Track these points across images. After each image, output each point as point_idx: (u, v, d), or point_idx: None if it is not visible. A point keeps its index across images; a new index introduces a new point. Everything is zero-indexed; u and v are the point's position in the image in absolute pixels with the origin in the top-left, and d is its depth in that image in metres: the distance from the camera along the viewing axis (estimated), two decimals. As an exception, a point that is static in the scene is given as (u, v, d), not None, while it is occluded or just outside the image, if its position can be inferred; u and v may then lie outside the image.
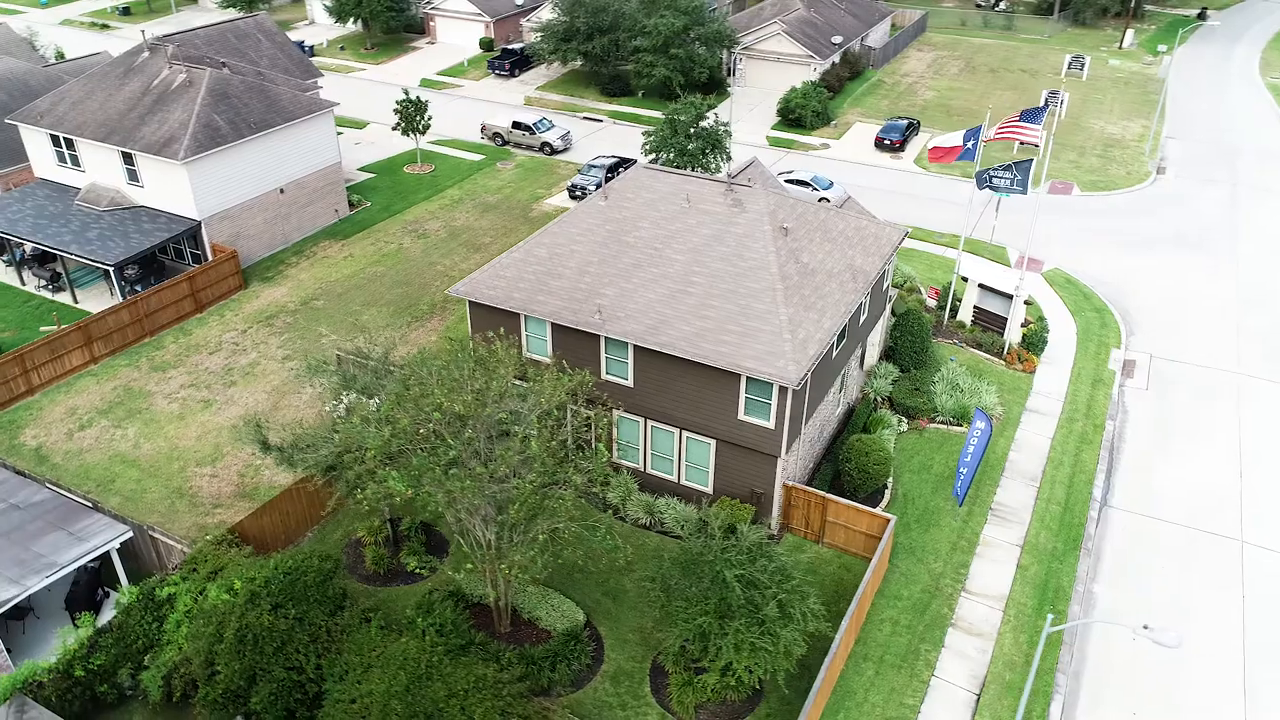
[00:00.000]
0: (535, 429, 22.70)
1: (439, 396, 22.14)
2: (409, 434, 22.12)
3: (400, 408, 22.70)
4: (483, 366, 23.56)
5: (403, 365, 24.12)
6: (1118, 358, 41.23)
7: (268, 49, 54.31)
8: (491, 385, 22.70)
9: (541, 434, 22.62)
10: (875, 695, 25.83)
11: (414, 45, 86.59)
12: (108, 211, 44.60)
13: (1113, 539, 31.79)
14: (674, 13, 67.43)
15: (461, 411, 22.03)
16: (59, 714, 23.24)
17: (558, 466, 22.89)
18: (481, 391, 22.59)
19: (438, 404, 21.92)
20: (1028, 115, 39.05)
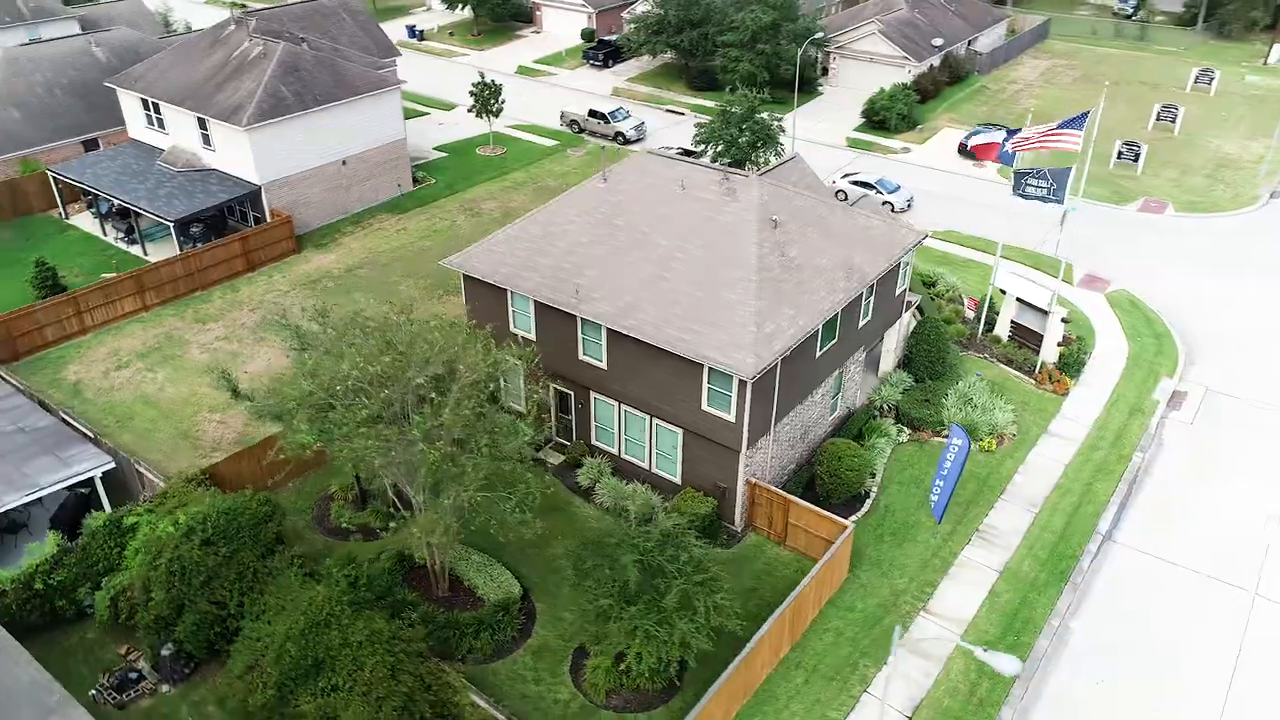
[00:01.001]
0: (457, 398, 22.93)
1: (356, 355, 22.73)
2: (327, 389, 22.78)
3: (321, 364, 23.43)
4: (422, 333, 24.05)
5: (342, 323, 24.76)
6: (1167, 388, 38.27)
7: (349, 27, 56.73)
8: (415, 350, 23.11)
9: (462, 404, 22.81)
10: (798, 704, 24.92)
11: (520, 34, 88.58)
12: (182, 172, 47.62)
13: (1107, 575, 29.59)
14: (763, 7, 66.56)
15: (380, 373, 22.54)
16: (17, 622, 25.09)
17: (471, 437, 23.05)
18: (404, 355, 23.04)
19: (355, 363, 22.51)
20: (1067, 124, 36.68)
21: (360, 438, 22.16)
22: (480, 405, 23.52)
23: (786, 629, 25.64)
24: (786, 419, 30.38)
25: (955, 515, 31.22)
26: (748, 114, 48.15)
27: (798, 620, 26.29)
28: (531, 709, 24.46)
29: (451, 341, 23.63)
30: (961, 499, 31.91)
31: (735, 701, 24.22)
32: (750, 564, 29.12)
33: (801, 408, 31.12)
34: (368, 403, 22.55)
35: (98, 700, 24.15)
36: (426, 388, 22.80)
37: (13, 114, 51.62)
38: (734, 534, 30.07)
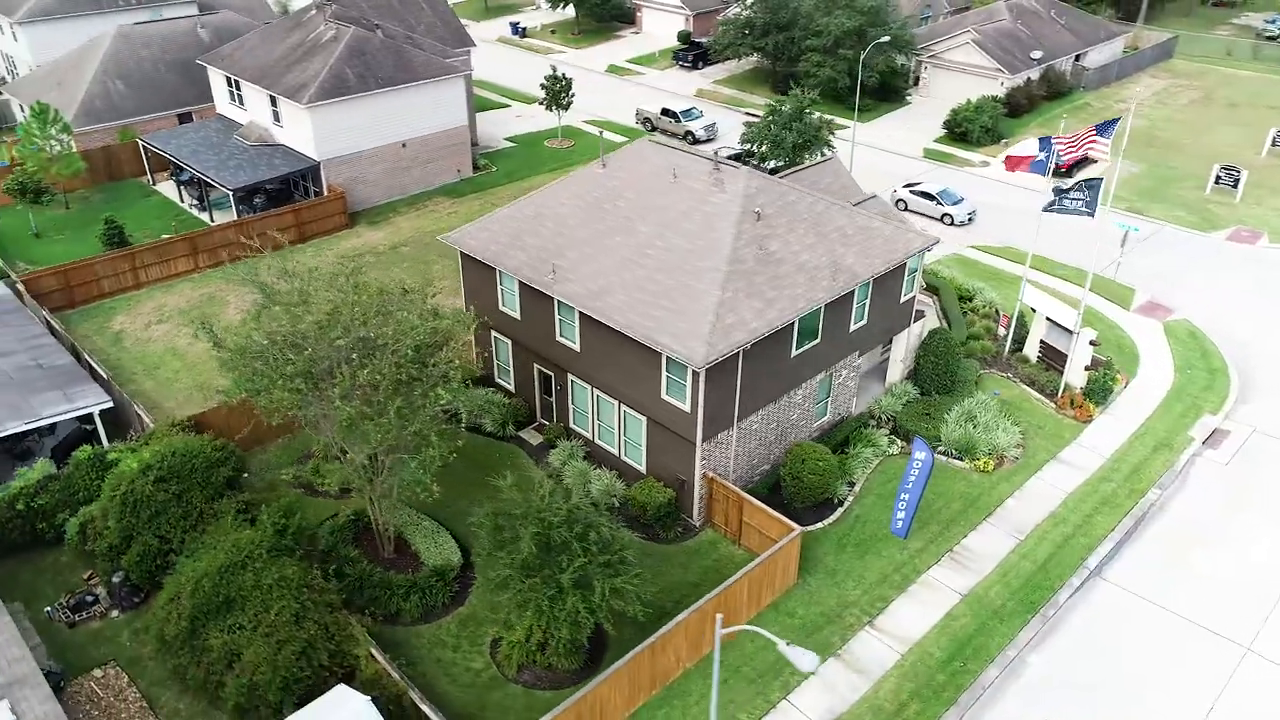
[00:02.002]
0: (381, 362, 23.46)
1: (282, 313, 23.56)
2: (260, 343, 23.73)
3: (258, 319, 24.40)
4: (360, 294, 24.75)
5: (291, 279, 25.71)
6: (1208, 424, 35.39)
7: (427, 15, 58.73)
8: (342, 312, 23.77)
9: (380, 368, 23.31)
10: (709, 701, 24.25)
11: (619, 34, 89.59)
12: (254, 146, 50.39)
13: (1085, 612, 27.60)
14: (848, 13, 65.19)
15: (306, 330, 23.30)
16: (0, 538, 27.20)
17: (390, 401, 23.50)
18: (332, 315, 23.74)
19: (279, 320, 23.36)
20: (1102, 128, 34.39)
21: (278, 389, 22.98)
22: (408, 370, 23.96)
23: (711, 626, 25.01)
24: (756, 416, 29.66)
25: (930, 533, 29.79)
26: (797, 113, 47.26)
27: (728, 619, 25.56)
28: (443, 674, 24.73)
29: (382, 306, 24.19)
30: (942, 517, 30.44)
31: (642, 691, 23.81)
32: (700, 559, 28.57)
33: (775, 407, 30.32)
34: (293, 358, 23.35)
35: (51, 617, 25.81)
36: (348, 348, 23.42)
37: (118, 86, 55.76)
38: (691, 528, 29.57)
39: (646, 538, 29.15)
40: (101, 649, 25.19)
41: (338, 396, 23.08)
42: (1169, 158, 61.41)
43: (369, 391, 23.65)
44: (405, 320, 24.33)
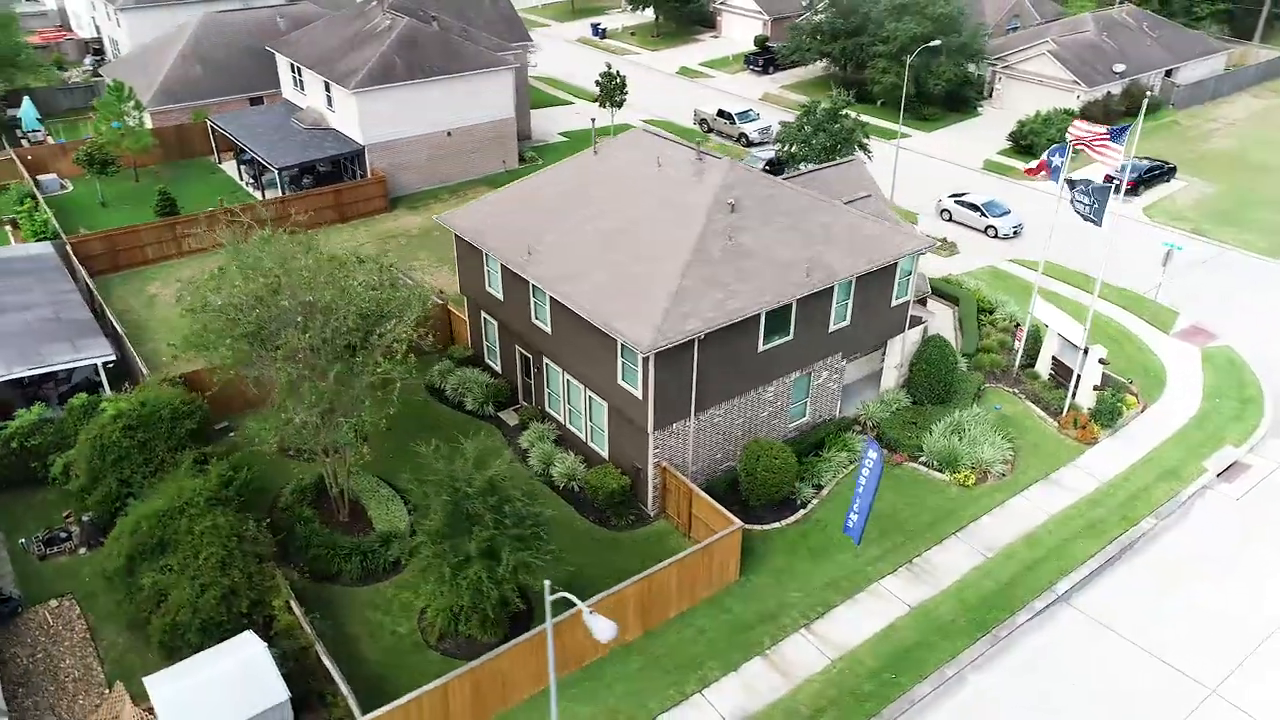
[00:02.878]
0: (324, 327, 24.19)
1: (236, 274, 24.54)
2: (215, 303, 24.80)
3: (215, 281, 25.48)
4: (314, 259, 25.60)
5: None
6: (1227, 456, 33.12)
7: (486, 9, 60.06)
8: (291, 277, 24.61)
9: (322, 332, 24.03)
10: (621, 687, 24.09)
11: (698, 38, 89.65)
12: (308, 129, 52.55)
13: (1042, 637, 26.20)
14: (918, 19, 63.61)
15: (255, 291, 24.23)
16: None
17: (330, 366, 24.17)
18: (278, 278, 24.60)
19: (234, 281, 24.36)
20: (1116, 133, 32.57)
21: (224, 347, 23.97)
22: (352, 337, 24.64)
23: (633, 612, 24.81)
24: (718, 409, 29.26)
25: (892, 542, 28.81)
26: (830, 115, 46.40)
27: (654, 608, 25.35)
28: (368, 634, 25.27)
29: (332, 274, 24.95)
30: (909, 527, 29.39)
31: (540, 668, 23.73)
32: (647, 548, 28.33)
33: (742, 402, 29.85)
34: (242, 319, 24.32)
35: (25, 549, 27.51)
36: (293, 311, 24.23)
37: (196, 69, 58.96)
38: (645, 517, 29.38)
39: (597, 523, 29.16)
40: (63, 582, 26.69)
41: (280, 358, 23.93)
42: (1254, 181, 57.67)
43: (310, 355, 24.42)
44: (351, 288, 25.03)
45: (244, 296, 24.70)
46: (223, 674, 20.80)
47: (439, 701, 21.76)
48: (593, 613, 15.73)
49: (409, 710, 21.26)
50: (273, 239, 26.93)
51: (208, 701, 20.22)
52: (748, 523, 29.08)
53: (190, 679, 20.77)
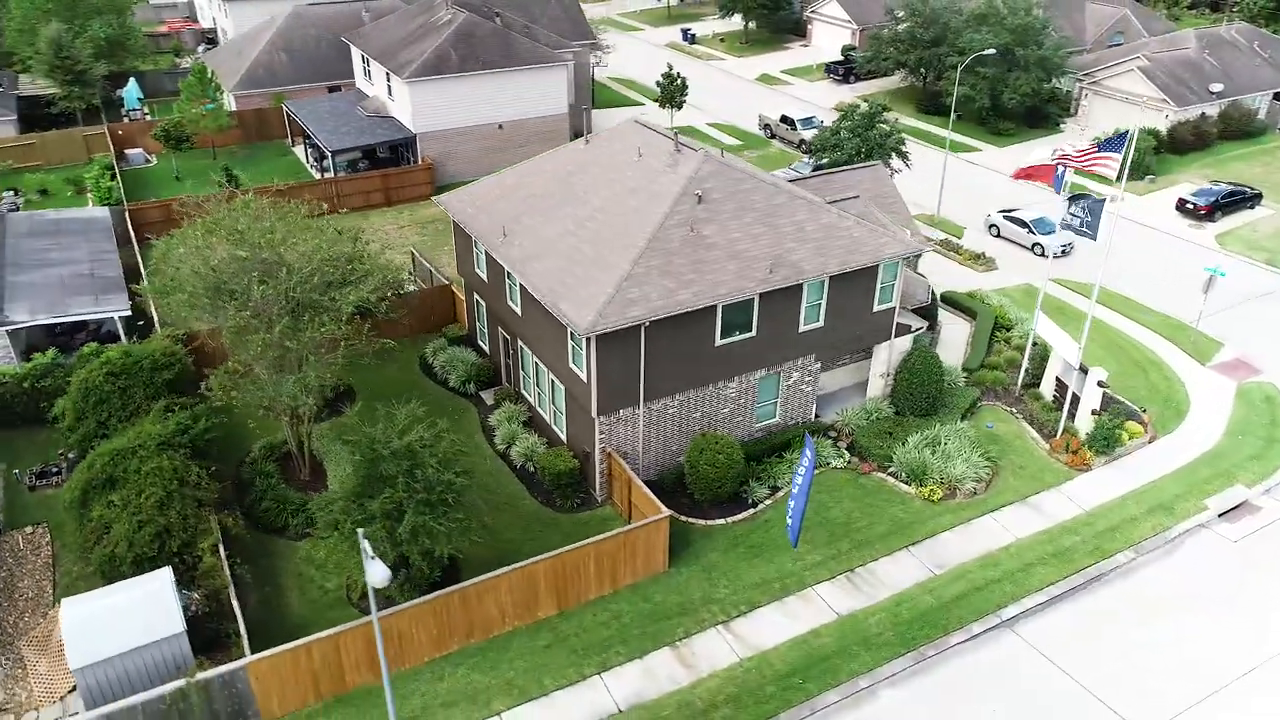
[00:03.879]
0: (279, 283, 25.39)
1: (199, 228, 26.02)
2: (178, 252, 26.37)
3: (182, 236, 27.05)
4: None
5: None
6: (1234, 496, 30.82)
7: (553, 8, 61.29)
8: (249, 234, 25.90)
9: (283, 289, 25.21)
10: (523, 662, 24.27)
11: (787, 46, 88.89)
12: (370, 116, 54.90)
13: (974, 661, 25.02)
14: (998, 30, 61.44)
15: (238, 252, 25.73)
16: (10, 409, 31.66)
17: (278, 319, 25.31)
18: (240, 234, 25.94)
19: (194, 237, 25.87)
20: (1107, 145, 30.69)
21: (176, 295, 25.48)
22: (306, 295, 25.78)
23: (544, 588, 24.98)
24: (671, 401, 29.13)
25: (837, 549, 28.03)
26: (868, 119, 45.40)
27: (569, 588, 25.45)
28: (297, 587, 26.29)
29: (289, 233, 26.13)
30: (860, 536, 28.53)
31: (456, 636, 24.21)
32: (586, 531, 28.25)
33: (699, 395, 29.62)
34: (202, 270, 25.79)
35: (18, 479, 29.82)
36: (251, 266, 25.52)
37: (281, 57, 62.38)
38: (593, 501, 29.50)
39: (545, 504, 29.47)
40: (44, 512, 28.78)
41: (233, 308, 25.29)
42: (1352, 212, 53.27)
43: (261, 306, 25.65)
44: (311, 251, 26.17)
45: (207, 250, 26.16)
46: (129, 602, 22.10)
47: (331, 652, 22.50)
48: (372, 559, 15.99)
49: (297, 655, 22.09)
50: (253, 203, 28.38)
51: (108, 626, 21.51)
52: (696, 518, 28.95)
53: (100, 604, 22.15)
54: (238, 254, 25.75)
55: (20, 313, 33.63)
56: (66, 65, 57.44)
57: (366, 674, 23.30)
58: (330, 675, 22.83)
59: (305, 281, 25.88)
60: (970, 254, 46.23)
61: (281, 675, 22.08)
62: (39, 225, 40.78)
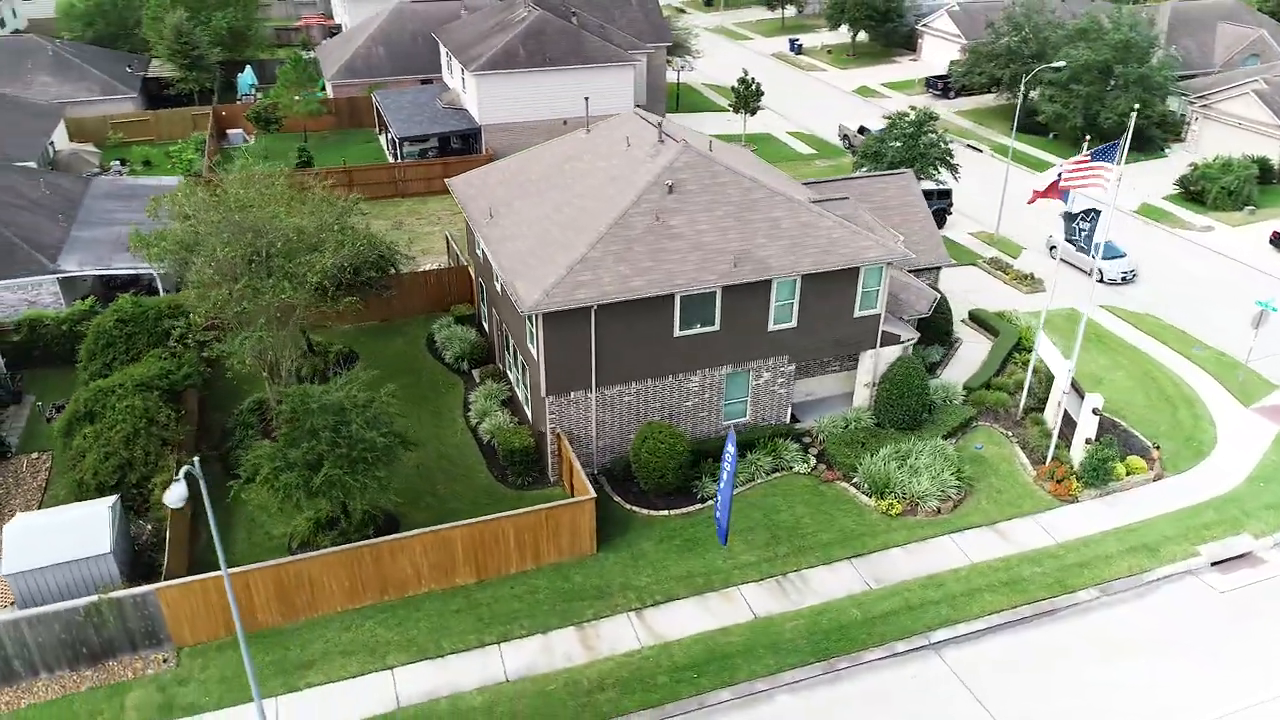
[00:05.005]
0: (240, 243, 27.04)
1: (187, 188, 27.93)
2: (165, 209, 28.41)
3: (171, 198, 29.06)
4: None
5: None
6: (1236, 545, 28.33)
7: (633, 11, 62.05)
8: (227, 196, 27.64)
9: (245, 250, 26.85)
10: (428, 622, 24.84)
11: (895, 59, 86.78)
12: (445, 108, 57.21)
13: (882, 678, 23.98)
14: (1099, 44, 58.22)
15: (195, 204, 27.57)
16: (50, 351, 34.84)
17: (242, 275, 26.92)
18: (217, 197, 27.72)
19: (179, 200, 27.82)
20: (1099, 154, 28.55)
21: (155, 247, 27.44)
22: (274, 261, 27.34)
23: (462, 555, 25.54)
24: (627, 388, 29.16)
25: (774, 553, 27.40)
26: (916, 128, 43.98)
27: (488, 558, 25.90)
28: (244, 531, 27.76)
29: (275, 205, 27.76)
30: (803, 542, 27.78)
31: (369, 591, 25.04)
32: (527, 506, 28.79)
33: (658, 386, 29.53)
34: (178, 228, 27.76)
35: (41, 411, 32.75)
36: (220, 227, 27.25)
37: (379, 50, 65.77)
38: (545, 480, 29.87)
39: (499, 479, 30.07)
40: (52, 441, 31.51)
41: (199, 263, 27.11)
42: None
43: (224, 265, 27.34)
44: (281, 217, 27.73)
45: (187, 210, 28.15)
46: (67, 523, 24.01)
47: (241, 589, 23.74)
48: (178, 479, 16.82)
49: (206, 587, 23.45)
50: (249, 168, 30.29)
51: (42, 542, 23.44)
52: (643, 507, 28.91)
53: (43, 521, 24.17)
54: (210, 216, 27.55)
55: (71, 264, 36.93)
56: (185, 50, 62.45)
57: (276, 615, 24.47)
58: (241, 613, 23.99)
59: (269, 246, 27.36)
60: (1017, 274, 44.03)
61: (191, 605, 23.47)
62: (116, 189, 44.57)
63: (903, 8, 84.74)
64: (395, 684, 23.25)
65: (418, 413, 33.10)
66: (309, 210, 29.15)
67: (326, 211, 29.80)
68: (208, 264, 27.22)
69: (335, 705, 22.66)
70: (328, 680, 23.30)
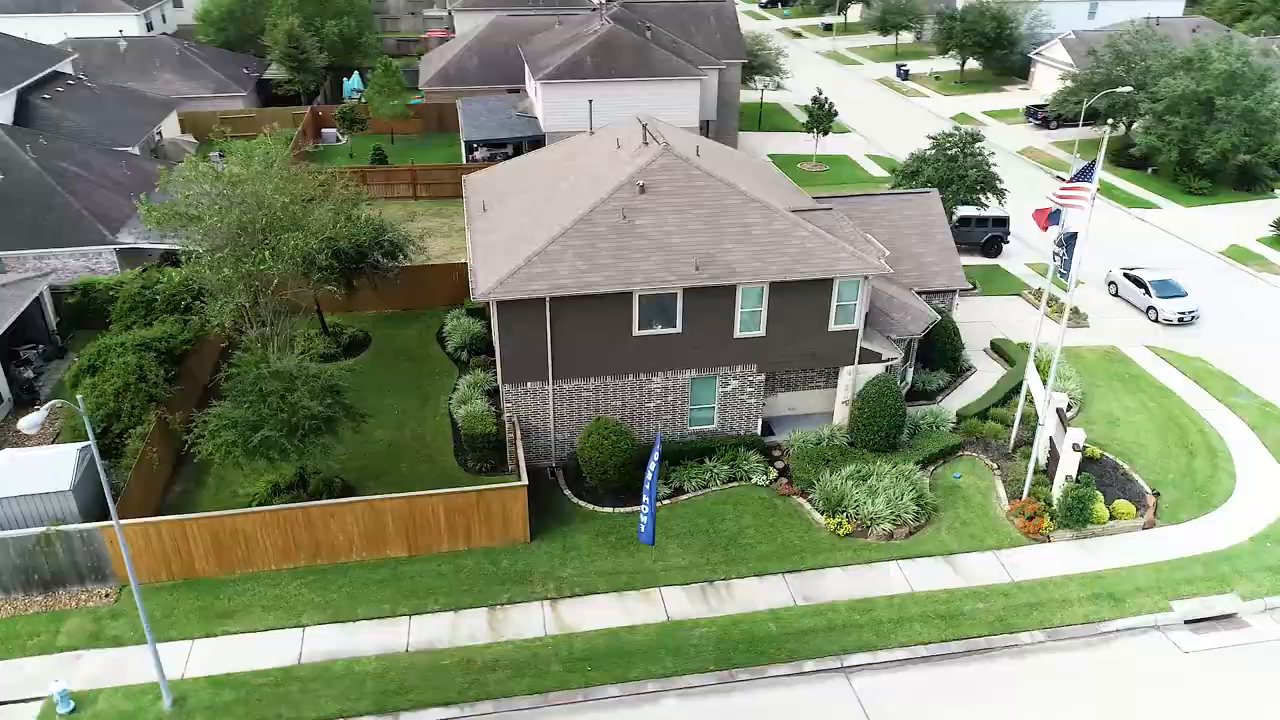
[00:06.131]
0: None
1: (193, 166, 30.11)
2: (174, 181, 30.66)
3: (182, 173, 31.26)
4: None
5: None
6: (1221, 606, 26.00)
7: (710, 27, 62.26)
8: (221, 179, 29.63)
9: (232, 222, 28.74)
10: (350, 589, 25.68)
11: (1005, 88, 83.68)
12: (519, 115, 59.09)
13: (780, 695, 23.27)
14: (1199, 75, 54.60)
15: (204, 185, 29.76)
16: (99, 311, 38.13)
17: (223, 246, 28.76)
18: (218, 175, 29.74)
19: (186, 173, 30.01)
20: (1079, 175, 26.60)
21: (154, 212, 29.65)
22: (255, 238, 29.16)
23: (393, 528, 26.35)
24: (585, 384, 29.39)
25: (707, 560, 27.00)
26: (959, 144, 42.44)
27: (419, 534, 26.60)
28: (219, 485, 29.50)
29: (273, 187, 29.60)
30: (741, 554, 27.27)
31: (301, 553, 26.12)
32: (478, 491, 29.42)
33: (618, 384, 29.65)
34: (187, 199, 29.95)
35: (76, 366, 35.81)
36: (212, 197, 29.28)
37: (473, 60, 68.51)
38: (505, 468, 30.40)
39: (460, 463, 30.85)
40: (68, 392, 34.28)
41: (192, 231, 29.20)
42: None
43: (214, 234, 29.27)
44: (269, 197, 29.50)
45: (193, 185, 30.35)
46: (36, 461, 26.25)
47: (179, 534, 25.32)
48: (25, 415, 18.05)
49: (148, 531, 25.12)
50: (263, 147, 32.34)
51: (12, 475, 25.69)
52: (593, 503, 29.06)
53: (20, 457, 26.48)
54: (205, 187, 29.62)
55: (128, 237, 40.23)
56: (294, 55, 66.94)
57: (213, 566, 25.93)
58: (180, 559, 25.67)
59: (257, 220, 29.13)
60: (1061, 307, 41.65)
61: (134, 546, 25.17)
62: (194, 175, 48.16)
63: (1016, 35, 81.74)
64: (302, 642, 24.22)
65: (407, 396, 34.42)
66: (300, 191, 30.83)
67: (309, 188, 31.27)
68: (199, 232, 29.25)
69: (242, 654, 23.80)
70: (242, 631, 24.50)
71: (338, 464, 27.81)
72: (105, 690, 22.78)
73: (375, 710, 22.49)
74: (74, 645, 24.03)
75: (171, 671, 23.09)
